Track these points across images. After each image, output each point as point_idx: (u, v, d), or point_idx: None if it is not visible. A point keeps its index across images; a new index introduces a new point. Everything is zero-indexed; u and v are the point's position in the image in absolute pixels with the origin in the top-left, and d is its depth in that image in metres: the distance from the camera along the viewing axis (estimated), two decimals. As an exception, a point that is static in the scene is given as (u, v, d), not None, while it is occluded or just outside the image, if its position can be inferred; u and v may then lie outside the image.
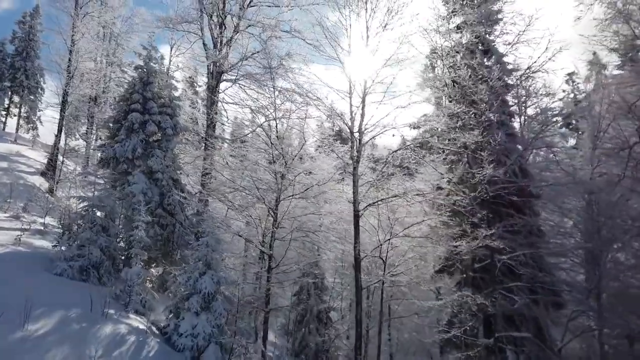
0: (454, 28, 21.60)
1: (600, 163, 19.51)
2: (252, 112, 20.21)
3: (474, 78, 17.39)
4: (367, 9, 18.01)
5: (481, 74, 17.77)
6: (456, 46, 20.65)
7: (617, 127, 20.06)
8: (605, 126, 19.64)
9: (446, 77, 19.88)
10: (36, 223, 20.35)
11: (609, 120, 19.50)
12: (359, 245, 16.96)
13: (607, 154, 19.53)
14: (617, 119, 19.76)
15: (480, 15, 20.59)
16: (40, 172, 31.22)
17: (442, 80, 23.42)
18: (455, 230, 16.01)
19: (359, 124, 17.72)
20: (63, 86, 29.84)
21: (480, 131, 16.14)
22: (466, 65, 17.70)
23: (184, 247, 19.70)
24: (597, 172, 19.13)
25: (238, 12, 23.73)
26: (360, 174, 17.45)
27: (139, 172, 19.20)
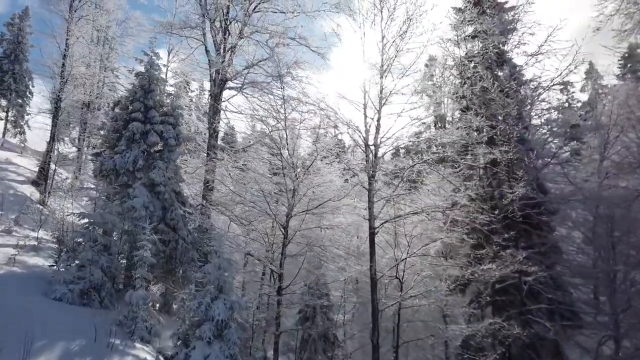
0: (467, 37, 20.91)
1: (609, 175, 19.05)
2: (262, 121, 19.20)
3: (496, 90, 16.63)
4: (383, 17, 17.25)
5: (508, 86, 17.05)
6: (469, 56, 19.92)
7: (625, 139, 19.67)
8: (613, 138, 19.20)
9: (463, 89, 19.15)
10: (29, 238, 19.21)
11: (617, 132, 19.07)
12: (375, 264, 16.11)
13: (618, 167, 19.05)
14: (626, 131, 19.32)
15: (496, 25, 19.96)
16: (31, 181, 29.92)
17: (441, 89, 22.89)
18: (482, 252, 15.18)
19: (374, 136, 16.91)
20: (56, 91, 28.63)
21: (512, 147, 15.37)
22: (491, 77, 16.90)
23: (187, 265, 18.73)
24: (606, 184, 18.72)
25: (243, 18, 22.85)
26: (375, 190, 16.60)
27: (140, 184, 18.17)
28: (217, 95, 23.03)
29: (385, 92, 16.82)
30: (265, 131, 20.28)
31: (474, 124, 16.13)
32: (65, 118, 42.35)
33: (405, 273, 17.17)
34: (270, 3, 23.21)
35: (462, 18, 20.58)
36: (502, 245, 14.98)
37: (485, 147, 15.81)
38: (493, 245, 15.18)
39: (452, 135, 16.72)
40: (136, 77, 20.20)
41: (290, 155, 17.48)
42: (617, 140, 19.21)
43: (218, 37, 23.59)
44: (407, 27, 16.44)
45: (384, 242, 19.01)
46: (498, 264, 14.30)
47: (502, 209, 16.64)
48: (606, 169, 18.96)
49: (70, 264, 14.19)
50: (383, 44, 17.28)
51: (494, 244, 15.21)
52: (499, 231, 16.40)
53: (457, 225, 16.90)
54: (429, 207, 16.32)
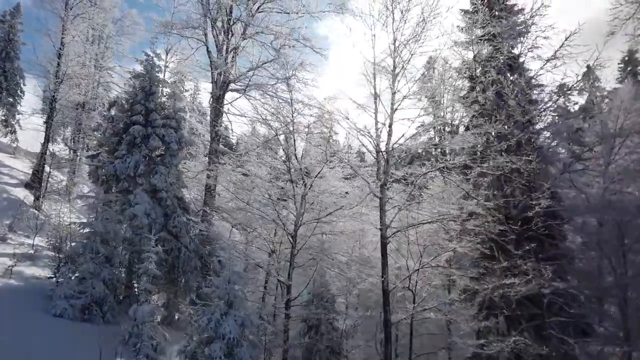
0: (477, 40, 20.33)
1: (615, 180, 18.65)
2: (268, 125, 18.49)
3: (514, 96, 16.09)
4: (395, 19, 16.67)
5: (529, 93, 16.55)
6: (481, 59, 19.36)
7: (630, 143, 19.26)
8: (619, 143, 18.79)
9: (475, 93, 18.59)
10: (24, 245, 18.49)
11: (623, 137, 18.65)
12: (387, 276, 15.53)
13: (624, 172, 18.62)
14: (632, 136, 18.91)
15: (507, 28, 19.45)
16: (24, 184, 29.08)
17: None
18: (502, 265, 14.59)
19: (386, 142, 16.32)
20: (51, 91, 27.77)
21: (535, 156, 14.82)
22: (510, 83, 16.36)
23: (190, 274, 18.06)
24: (612, 189, 18.32)
25: (246, 18, 22.14)
26: (387, 198, 16.02)
27: (141, 190, 17.49)
28: (220, 98, 22.31)
29: (398, 96, 16.25)
30: (271, 135, 19.69)
31: (490, 130, 15.57)
32: (59, 118, 41.44)
33: (417, 284, 16.53)
34: (274, 3, 22.56)
35: (471, 20, 20.05)
36: (518, 256, 14.44)
37: (506, 156, 15.22)
38: (513, 257, 14.60)
39: (466, 141, 16.18)
40: (136, 78, 19.47)
41: (299, 162, 16.85)
42: (622, 145, 18.83)
43: (220, 38, 22.86)
44: (422, 30, 15.85)
45: (389, 250, 18.41)
46: (521, 278, 13.68)
47: (517, 218, 16.13)
48: (612, 174, 18.56)
49: (70, 276, 13.46)
50: (395, 46, 16.72)
51: (513, 255, 14.64)
52: (513, 242, 15.91)
53: (470, 234, 16.37)
54: (443, 215, 15.71)
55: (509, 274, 14.17)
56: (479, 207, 15.56)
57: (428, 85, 18.32)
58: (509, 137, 15.37)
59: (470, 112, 18.11)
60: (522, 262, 14.07)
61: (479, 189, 17.68)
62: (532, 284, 13.41)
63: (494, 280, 14.31)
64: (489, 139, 16.42)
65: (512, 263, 14.35)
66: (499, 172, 15.86)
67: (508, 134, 15.53)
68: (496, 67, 18.69)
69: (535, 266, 13.88)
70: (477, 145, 16.64)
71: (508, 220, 15.97)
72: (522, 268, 13.89)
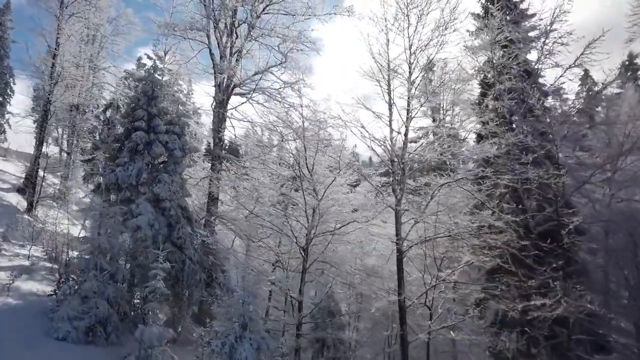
0: (485, 44, 19.78)
1: (622, 188, 18.21)
2: (277, 132, 17.73)
3: (540, 106, 15.53)
4: (411, 23, 16.03)
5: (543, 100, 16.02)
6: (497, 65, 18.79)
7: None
8: (626, 149, 18.34)
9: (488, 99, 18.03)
10: (20, 256, 17.61)
11: (630, 144, 18.20)
12: (404, 291, 14.89)
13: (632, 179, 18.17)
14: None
15: (520, 32, 18.92)
16: (16, 189, 28.09)
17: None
18: (529, 284, 13.99)
19: (402, 151, 15.68)
20: (45, 93, 26.78)
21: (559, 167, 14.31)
22: (537, 93, 15.78)
23: (194, 287, 17.29)
24: (618, 197, 17.88)
25: (251, 20, 21.42)
26: (403, 210, 15.39)
27: (144, 200, 16.69)
28: (223, 102, 21.57)
29: (415, 104, 15.63)
30: (280, 142, 18.99)
31: (511, 140, 15.00)
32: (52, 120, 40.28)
33: (434, 299, 15.88)
34: (280, 4, 21.82)
35: (482, 24, 19.51)
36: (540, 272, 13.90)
37: (532, 168, 14.66)
38: (535, 273, 14.02)
39: (485, 151, 15.59)
40: (138, 82, 18.67)
41: (310, 171, 16.15)
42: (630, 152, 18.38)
43: (224, 40, 22.12)
44: (441, 35, 15.23)
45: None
46: (552, 299, 13.06)
47: (536, 232, 15.61)
48: (618, 182, 18.11)
49: (71, 292, 12.65)
50: (411, 52, 16.09)
51: (536, 271, 14.07)
52: (531, 256, 15.38)
53: (486, 248, 15.78)
54: (462, 228, 15.07)
55: (536, 292, 13.61)
56: (500, 221, 14.95)
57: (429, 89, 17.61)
58: (534, 148, 14.77)
59: (485, 119, 17.43)
60: (549, 281, 13.51)
61: (493, 200, 17.16)
62: (566, 305, 12.73)
63: (513, 297, 13.71)
64: (509, 149, 15.81)
65: (541, 282, 13.71)
66: (519, 184, 15.33)
67: (534, 145, 14.88)
68: (509, 73, 18.21)
69: (564, 285, 13.29)
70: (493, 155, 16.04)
71: (528, 234, 15.45)
72: (549, 286, 13.32)
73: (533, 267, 15.44)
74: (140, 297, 15.37)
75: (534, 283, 13.74)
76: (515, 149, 15.75)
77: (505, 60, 18.04)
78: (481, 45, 20.23)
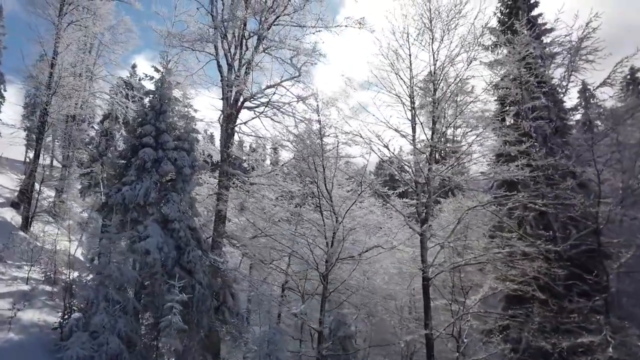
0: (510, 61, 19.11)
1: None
2: (300, 152, 16.74)
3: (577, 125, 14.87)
4: (436, 38, 15.36)
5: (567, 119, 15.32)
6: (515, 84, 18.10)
7: None
8: None
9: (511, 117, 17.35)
10: (18, 280, 16.56)
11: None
12: (431, 321, 14.06)
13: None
14: None
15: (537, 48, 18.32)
16: (10, 203, 26.95)
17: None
18: (572, 319, 13.23)
19: (427, 173, 14.90)
20: (43, 104, 25.70)
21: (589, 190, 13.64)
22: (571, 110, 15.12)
23: (204, 313, 16.32)
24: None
25: (261, 31, 20.61)
26: (428, 235, 14.59)
27: (152, 221, 15.75)
28: (231, 116, 20.68)
29: (442, 123, 14.88)
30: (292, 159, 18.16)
31: (545, 162, 14.29)
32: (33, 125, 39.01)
33: (461, 329, 15.03)
34: (290, 16, 21.03)
35: (504, 40, 18.85)
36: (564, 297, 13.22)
37: (579, 194, 13.95)
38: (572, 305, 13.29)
39: (513, 172, 14.80)
40: (145, 95, 17.80)
41: (329, 192, 15.31)
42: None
43: (232, 52, 21.27)
44: (471, 51, 14.53)
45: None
46: (595, 334, 12.30)
47: (567, 258, 14.91)
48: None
49: (80, 327, 11.65)
50: (435, 67, 15.39)
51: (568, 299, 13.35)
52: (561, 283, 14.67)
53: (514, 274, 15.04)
54: (494, 256, 14.28)
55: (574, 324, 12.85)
56: (532, 247, 14.18)
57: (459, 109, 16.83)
58: (574, 171, 14.08)
59: (509, 138, 16.68)
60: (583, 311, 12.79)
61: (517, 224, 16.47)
62: (614, 343, 11.96)
63: (542, 328, 12.95)
64: (538, 171, 15.08)
65: (585, 317, 12.93)
66: (553, 208, 14.61)
67: (569, 168, 14.18)
68: (532, 90, 17.58)
69: (608, 320, 12.53)
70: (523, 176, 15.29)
71: (560, 261, 14.74)
72: (588, 318, 12.57)
73: (563, 294, 14.77)
74: (149, 328, 14.39)
75: (575, 317, 12.90)
76: (546, 170, 15.03)
77: (528, 76, 17.39)
78: (499, 60, 19.66)
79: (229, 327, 18.02)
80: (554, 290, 14.54)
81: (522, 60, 16.77)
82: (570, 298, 14.57)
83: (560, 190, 14.41)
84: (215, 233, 19.93)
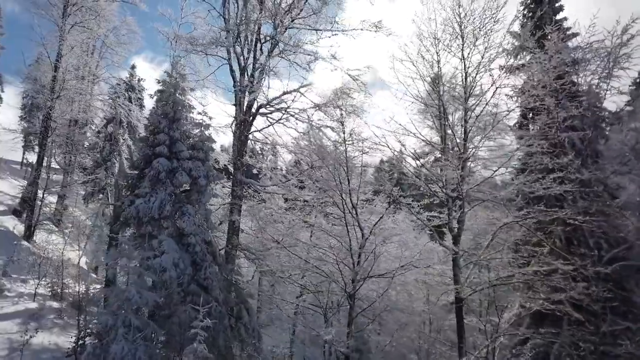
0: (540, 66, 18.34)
1: None
2: (320, 159, 15.90)
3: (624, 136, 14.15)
4: (467, 43, 14.58)
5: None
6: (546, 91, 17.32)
7: None
8: None
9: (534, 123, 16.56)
10: (24, 297, 15.71)
11: None
12: (465, 344, 13.29)
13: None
14: None
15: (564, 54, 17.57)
16: (12, 210, 26.03)
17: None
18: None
19: (458, 186, 14.12)
20: (46, 108, 24.76)
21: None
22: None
23: (221, 332, 15.50)
24: None
25: (276, 34, 19.80)
26: (461, 253, 13.82)
27: (166, 235, 14.92)
28: (245, 123, 19.86)
29: (474, 132, 14.11)
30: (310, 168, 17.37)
31: (585, 175, 13.55)
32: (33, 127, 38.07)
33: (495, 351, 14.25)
34: (306, 19, 20.23)
35: (535, 45, 18.09)
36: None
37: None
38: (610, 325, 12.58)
39: (549, 186, 14.02)
40: (158, 102, 16.95)
41: (355, 207, 14.50)
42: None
43: (245, 56, 20.46)
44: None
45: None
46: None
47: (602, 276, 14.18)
48: None
49: (96, 355, 10.81)
50: (466, 73, 14.63)
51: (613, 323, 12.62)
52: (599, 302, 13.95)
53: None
54: (531, 274, 13.49)
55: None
56: (569, 266, 13.42)
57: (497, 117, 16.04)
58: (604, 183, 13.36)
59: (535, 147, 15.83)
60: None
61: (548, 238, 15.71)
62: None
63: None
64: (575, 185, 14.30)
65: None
66: (591, 224, 13.84)
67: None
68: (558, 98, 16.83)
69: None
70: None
71: (599, 278, 14.01)
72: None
73: (600, 314, 14.07)
74: (166, 349, 13.55)
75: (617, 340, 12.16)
76: (583, 184, 14.28)
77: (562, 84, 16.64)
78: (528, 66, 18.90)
79: (245, 345, 17.25)
80: (590, 309, 13.81)
81: (555, 69, 15.98)
82: (604, 317, 13.88)
83: (605, 206, 13.67)
84: (228, 245, 19.13)
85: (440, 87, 14.82)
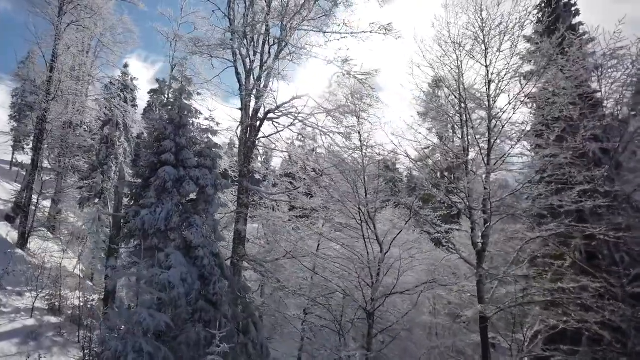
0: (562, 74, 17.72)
1: None
2: (329, 170, 15.24)
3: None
4: (490, 46, 13.92)
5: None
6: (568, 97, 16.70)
7: None
8: None
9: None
10: (21, 313, 14.84)
11: None
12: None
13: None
14: None
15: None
16: (4, 215, 25.00)
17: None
18: None
19: (482, 198, 13.48)
20: (41, 110, 23.75)
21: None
22: None
23: (231, 351, 14.69)
24: None
25: (284, 37, 19.04)
26: (486, 270, 13.16)
27: (173, 248, 14.12)
28: (252, 128, 19.08)
29: (501, 141, 13.47)
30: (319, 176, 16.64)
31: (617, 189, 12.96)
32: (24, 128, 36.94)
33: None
34: (316, 21, 19.47)
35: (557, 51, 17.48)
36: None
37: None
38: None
39: (575, 200, 13.40)
40: (163, 107, 16.17)
41: (372, 218, 13.80)
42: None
43: (251, 57, 19.69)
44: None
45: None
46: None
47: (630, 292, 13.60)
48: None
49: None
50: (489, 79, 13.97)
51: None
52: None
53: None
54: (560, 292, 12.86)
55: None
56: (598, 283, 12.83)
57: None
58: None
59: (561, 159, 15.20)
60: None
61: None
62: None
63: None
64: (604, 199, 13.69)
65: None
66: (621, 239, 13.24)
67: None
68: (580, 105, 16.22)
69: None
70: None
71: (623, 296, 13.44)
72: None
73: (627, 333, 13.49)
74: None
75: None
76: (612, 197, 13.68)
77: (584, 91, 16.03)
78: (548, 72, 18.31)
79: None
80: (616, 326, 13.24)
81: (578, 78, 15.37)
82: (629, 336, 13.31)
83: (630, 221, 13.10)
84: (234, 255, 18.36)
85: (464, 93, 14.13)
